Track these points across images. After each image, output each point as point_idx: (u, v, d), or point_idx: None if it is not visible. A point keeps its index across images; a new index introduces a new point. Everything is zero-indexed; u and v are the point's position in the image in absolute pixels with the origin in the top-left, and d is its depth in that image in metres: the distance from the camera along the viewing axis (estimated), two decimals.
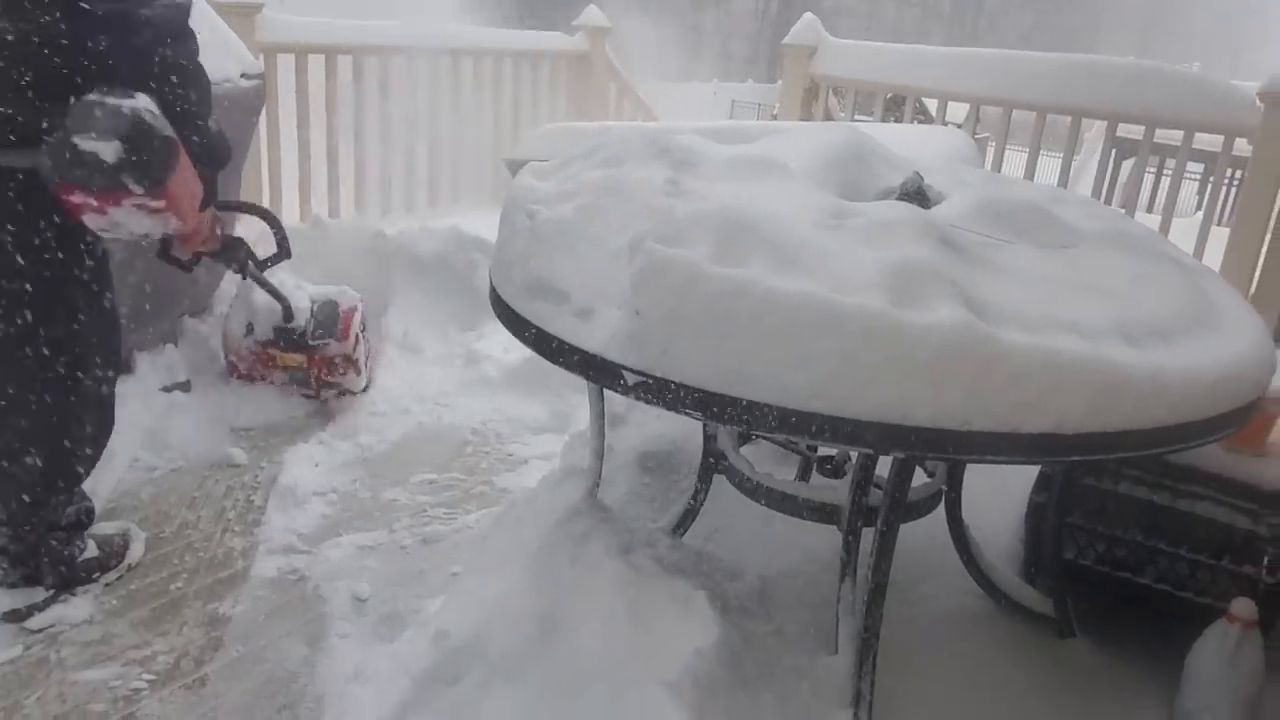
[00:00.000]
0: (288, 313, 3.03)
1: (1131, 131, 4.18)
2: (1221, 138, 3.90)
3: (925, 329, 1.34)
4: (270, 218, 2.55)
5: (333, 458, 2.87)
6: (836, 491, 1.88)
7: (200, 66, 1.83)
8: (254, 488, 2.68)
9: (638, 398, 1.47)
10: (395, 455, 2.93)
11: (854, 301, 1.36)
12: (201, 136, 1.84)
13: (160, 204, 1.72)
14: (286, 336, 3.06)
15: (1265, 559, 1.96)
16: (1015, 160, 5.56)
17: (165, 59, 1.74)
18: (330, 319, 3.10)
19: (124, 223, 1.75)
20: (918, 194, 1.97)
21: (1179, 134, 3.98)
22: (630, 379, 1.45)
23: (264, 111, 3.53)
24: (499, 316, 1.72)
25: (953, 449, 1.38)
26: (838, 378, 1.35)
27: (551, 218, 1.67)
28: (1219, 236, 4.01)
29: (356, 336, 3.12)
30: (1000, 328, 1.39)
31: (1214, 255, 3.90)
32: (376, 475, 2.82)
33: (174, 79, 1.76)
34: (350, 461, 2.86)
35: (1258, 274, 3.81)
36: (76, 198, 1.69)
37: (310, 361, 3.09)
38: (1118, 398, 1.39)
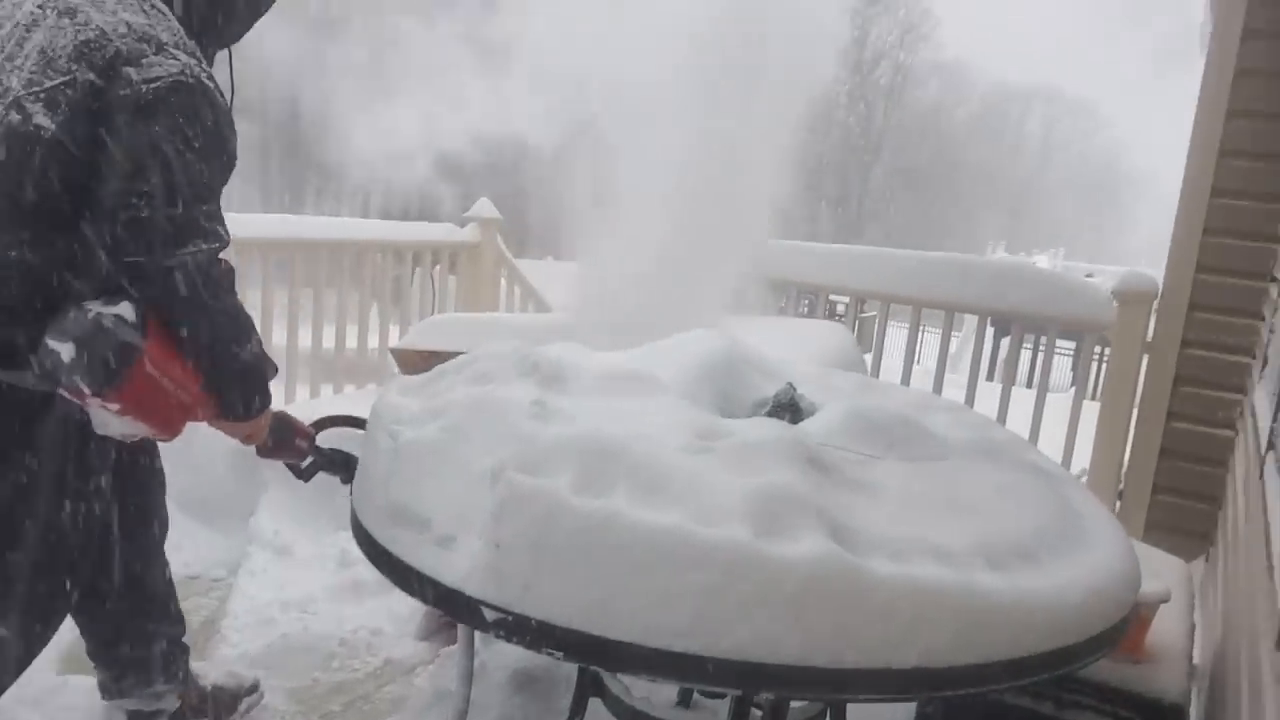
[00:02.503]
0: None
1: None
2: None
3: (790, 562, 1.31)
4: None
5: None
6: (716, 718, 1.80)
7: (225, 302, 1.87)
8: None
9: (497, 635, 1.40)
10: (252, 672, 2.71)
11: (718, 534, 1.33)
12: (219, 360, 1.88)
13: (115, 406, 1.77)
14: None
15: None
16: (898, 337, 5.78)
17: (183, 301, 1.79)
18: None
19: (105, 421, 1.82)
20: (790, 406, 1.99)
21: None
22: (489, 615, 1.38)
23: None
24: (357, 542, 1.64)
25: (823, 688, 1.33)
26: (703, 615, 1.31)
27: (415, 438, 1.62)
28: (1091, 409, 4.18)
29: None
30: (866, 557, 1.38)
31: (1087, 427, 4.05)
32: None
33: (189, 312, 1.80)
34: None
35: (1128, 452, 3.97)
36: (62, 392, 1.78)
37: None
38: (984, 627, 1.38)
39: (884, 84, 35.57)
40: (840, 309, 6.20)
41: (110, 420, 1.81)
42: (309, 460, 2.28)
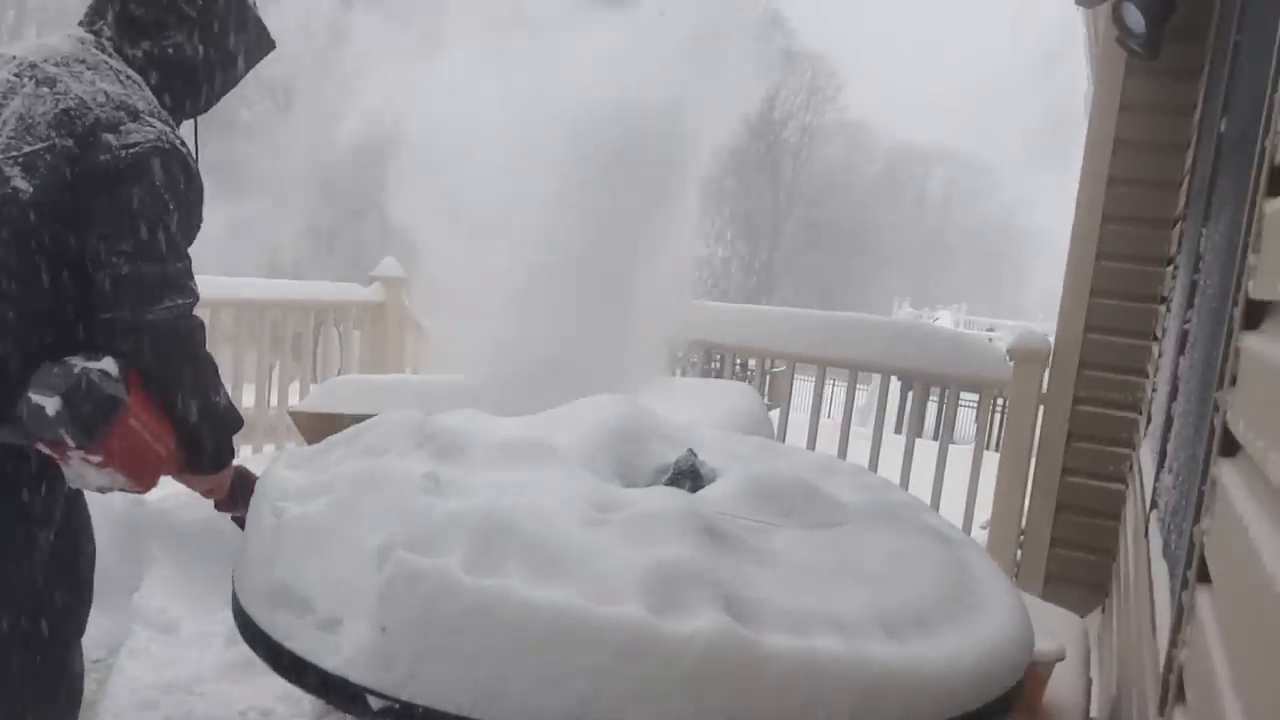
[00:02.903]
0: None
1: None
2: None
3: (685, 640, 1.29)
4: None
5: None
6: None
7: (199, 354, 1.95)
8: None
9: None
10: None
11: (612, 613, 1.31)
12: (194, 411, 1.94)
13: (97, 459, 1.82)
14: None
15: None
16: (807, 390, 5.85)
17: (161, 355, 1.87)
18: None
19: (82, 474, 1.86)
20: (690, 473, 1.98)
21: None
22: (374, 703, 1.33)
23: None
24: (237, 626, 1.57)
25: None
26: (596, 697, 1.28)
27: (300, 515, 1.56)
28: (995, 460, 4.27)
29: None
30: (762, 631, 1.36)
31: (992, 479, 4.14)
32: None
33: (167, 366, 1.88)
34: None
35: (1027, 504, 4.07)
36: (40, 447, 1.82)
37: None
38: (881, 699, 1.37)
39: (792, 144, 36.55)
40: (751, 364, 6.28)
41: (89, 473, 1.85)
42: None
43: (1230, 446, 1.13)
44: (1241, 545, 0.92)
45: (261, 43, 2.13)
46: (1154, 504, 2.21)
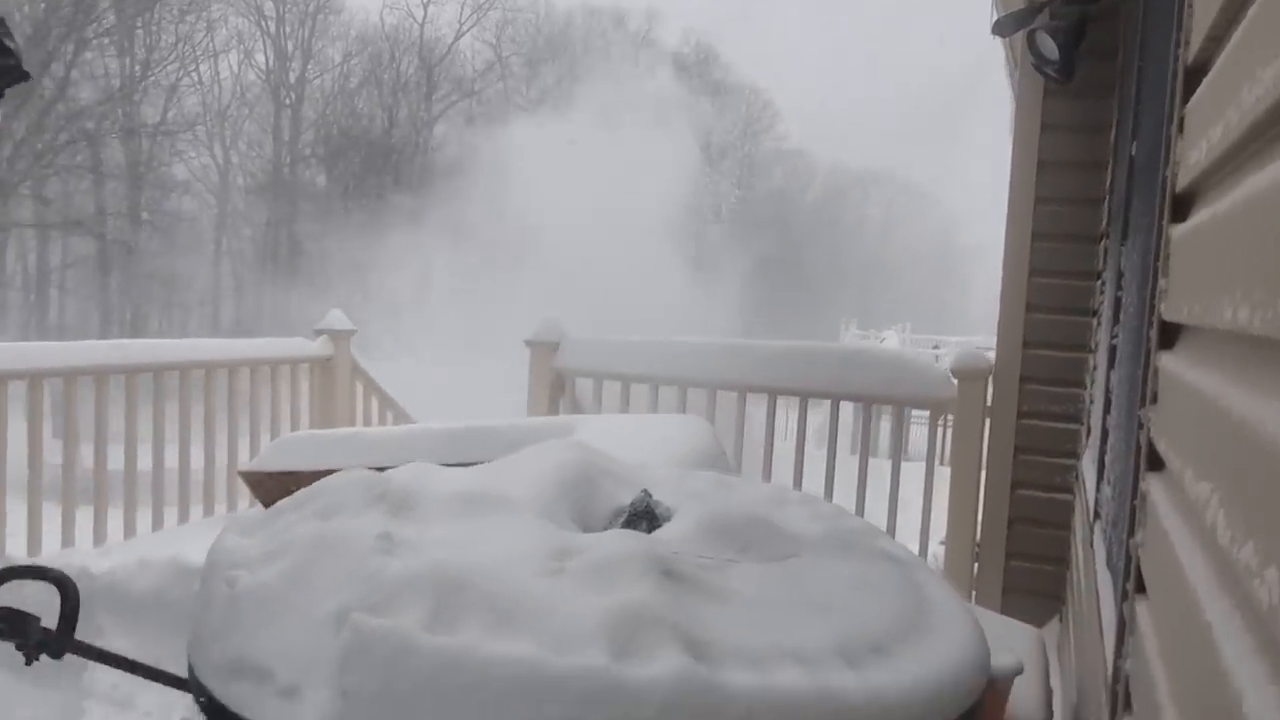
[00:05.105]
0: None
1: None
2: None
3: (646, 685, 1.30)
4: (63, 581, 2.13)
5: None
6: None
7: None
8: None
9: None
10: None
11: (572, 663, 1.31)
12: None
13: None
14: None
15: None
16: (758, 413, 5.87)
17: None
18: None
19: None
20: (646, 514, 1.99)
21: None
22: None
23: None
24: (194, 699, 1.54)
25: None
26: None
27: (254, 583, 1.54)
28: (943, 474, 4.35)
29: None
30: (723, 669, 1.38)
31: (943, 489, 4.21)
32: None
33: None
34: None
35: (980, 518, 4.14)
36: None
37: None
38: None
39: (734, 174, 37.08)
40: None
41: None
42: None
43: (1156, 462, 1.18)
44: (1170, 559, 0.96)
45: (12, 71, 1.99)
46: (1097, 515, 2.27)
